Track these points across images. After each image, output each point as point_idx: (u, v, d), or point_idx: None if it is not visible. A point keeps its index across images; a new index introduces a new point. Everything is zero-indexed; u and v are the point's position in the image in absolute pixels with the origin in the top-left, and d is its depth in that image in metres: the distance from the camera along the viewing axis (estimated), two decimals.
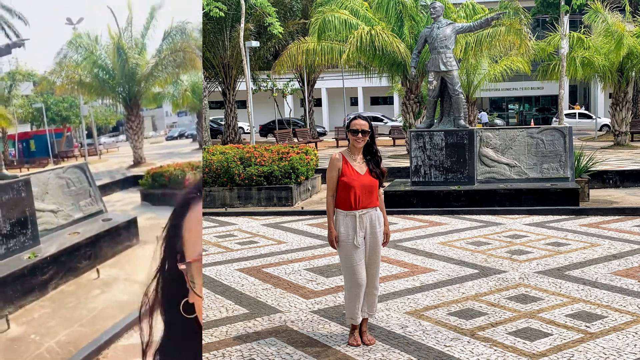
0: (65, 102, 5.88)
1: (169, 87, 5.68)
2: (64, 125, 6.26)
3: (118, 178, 6.00)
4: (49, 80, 5.06)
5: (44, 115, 5.92)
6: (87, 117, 5.93)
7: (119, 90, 5.47)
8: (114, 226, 7.32)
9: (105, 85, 5.24)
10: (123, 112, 5.94)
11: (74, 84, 5.14)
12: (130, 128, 5.93)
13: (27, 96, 5.71)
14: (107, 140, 6.49)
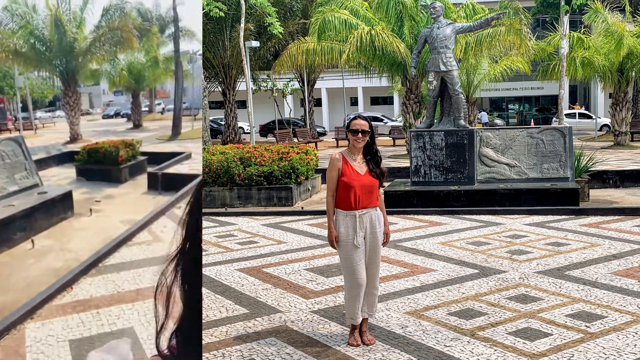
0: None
1: (106, 65, 5.65)
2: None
3: (54, 153, 6.04)
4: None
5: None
6: (22, 89, 5.82)
7: (56, 64, 5.40)
8: (49, 199, 7.46)
9: (42, 57, 5.16)
10: (60, 87, 5.87)
11: (8, 52, 5.04)
12: (67, 104, 5.85)
13: None
14: (43, 114, 6.44)
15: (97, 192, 7.58)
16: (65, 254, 6.31)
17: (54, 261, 6.14)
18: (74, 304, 5.66)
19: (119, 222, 6.94)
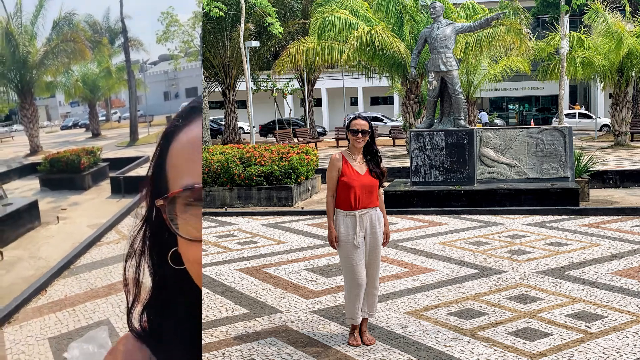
0: None
1: (61, 77, 5.66)
2: None
3: (15, 166, 6.10)
4: None
5: None
6: None
7: (10, 77, 5.41)
8: (15, 210, 7.50)
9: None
10: (16, 100, 5.86)
11: None
12: (25, 116, 5.86)
13: None
14: (1, 129, 6.45)
15: (63, 200, 7.61)
16: (36, 262, 6.45)
17: (25, 270, 6.33)
18: (50, 305, 5.85)
19: (86, 226, 7.05)
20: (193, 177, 0.94)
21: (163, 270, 1.05)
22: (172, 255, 1.01)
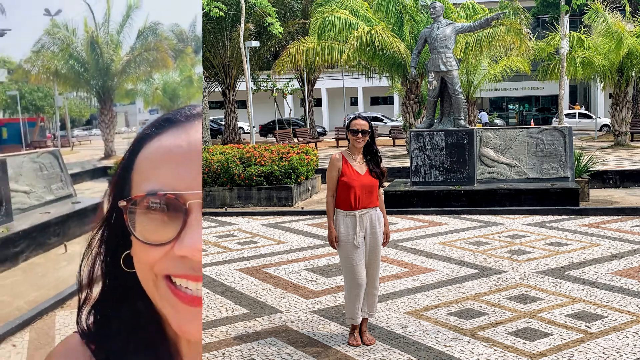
0: (40, 91, 5.98)
1: (141, 84, 5.78)
2: (37, 114, 6.40)
3: (88, 168, 6.26)
4: (24, 69, 5.16)
5: (18, 103, 6.00)
6: (62, 109, 6.05)
7: (93, 84, 5.58)
8: (82, 208, 7.74)
9: (80, 77, 5.34)
10: (97, 106, 6.04)
11: (49, 74, 5.25)
12: (103, 122, 6.02)
13: (1, 83, 5.80)
14: (80, 132, 6.68)
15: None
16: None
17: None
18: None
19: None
20: (158, 184, 0.96)
21: (114, 272, 1.07)
22: (125, 258, 1.02)
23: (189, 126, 1.01)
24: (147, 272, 0.99)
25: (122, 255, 1.05)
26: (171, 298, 0.99)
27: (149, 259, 0.98)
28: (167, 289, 0.99)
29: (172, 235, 0.97)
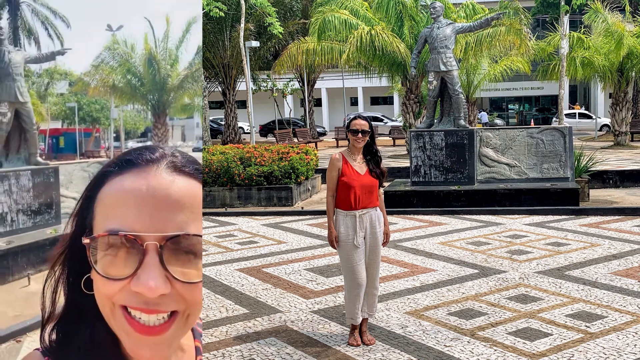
0: (97, 103, 6.20)
1: (198, 99, 5.87)
2: (93, 125, 6.67)
3: None
4: (84, 81, 5.39)
5: (76, 114, 6.30)
6: (117, 121, 6.23)
7: (149, 98, 5.70)
8: None
9: (137, 91, 5.50)
10: (151, 119, 6.17)
11: (107, 87, 5.42)
12: (157, 135, 6.17)
13: (62, 94, 6.11)
14: (134, 144, 6.89)
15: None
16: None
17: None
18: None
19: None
20: (118, 223, 1.04)
21: (75, 294, 1.15)
22: (85, 281, 1.12)
23: (148, 170, 1.08)
24: (105, 300, 1.09)
25: (82, 278, 1.13)
26: (125, 326, 1.08)
27: (107, 291, 1.07)
28: (123, 317, 1.08)
29: (129, 272, 1.05)
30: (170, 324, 1.08)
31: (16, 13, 5.93)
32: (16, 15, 5.97)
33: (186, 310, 1.10)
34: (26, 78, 6.20)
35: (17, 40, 6.48)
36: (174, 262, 1.06)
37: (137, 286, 1.04)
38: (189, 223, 1.08)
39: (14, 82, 6.40)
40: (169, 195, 1.07)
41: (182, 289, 1.07)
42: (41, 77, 5.94)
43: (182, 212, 1.07)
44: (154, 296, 1.04)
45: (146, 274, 1.04)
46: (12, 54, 6.22)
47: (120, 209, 1.07)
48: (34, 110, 6.79)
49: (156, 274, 1.04)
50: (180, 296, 1.08)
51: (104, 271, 1.06)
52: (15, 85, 6.47)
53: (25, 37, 6.25)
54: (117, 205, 1.08)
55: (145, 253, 1.05)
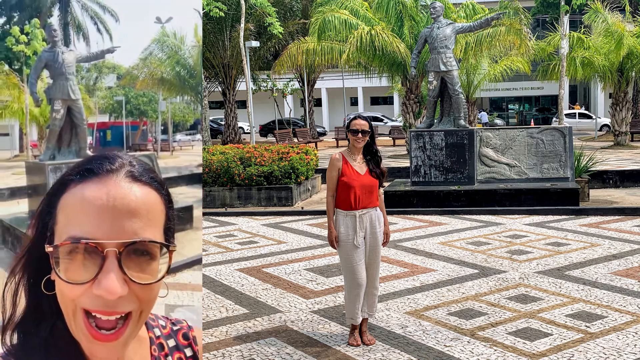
0: (145, 96, 6.35)
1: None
2: (140, 119, 6.88)
3: (184, 174, 6.52)
4: (132, 75, 5.58)
5: (123, 107, 6.47)
6: (165, 113, 6.38)
7: (199, 90, 5.85)
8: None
9: (186, 84, 5.66)
10: (201, 112, 6.34)
11: (155, 80, 5.59)
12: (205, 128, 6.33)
13: (110, 88, 6.34)
14: (182, 137, 7.14)
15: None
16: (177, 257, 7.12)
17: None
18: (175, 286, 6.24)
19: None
20: (79, 231, 1.10)
21: (36, 295, 1.21)
22: (45, 282, 1.18)
23: (108, 180, 1.15)
24: (68, 302, 1.15)
25: (43, 280, 1.19)
26: (84, 330, 1.14)
27: (71, 294, 1.13)
28: (82, 322, 1.14)
29: (90, 276, 1.12)
30: (124, 328, 1.15)
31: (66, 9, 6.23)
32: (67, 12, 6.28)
33: (139, 309, 1.16)
34: (76, 73, 6.57)
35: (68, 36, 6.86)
36: (132, 266, 1.12)
37: (98, 289, 1.10)
38: (145, 229, 1.14)
39: (67, 80, 6.61)
40: (127, 204, 1.13)
41: (137, 290, 1.14)
42: (90, 71, 6.23)
43: (139, 219, 1.14)
44: (114, 299, 1.11)
45: (106, 278, 1.10)
46: (65, 55, 6.59)
47: (82, 216, 1.12)
48: (84, 104, 7.17)
49: (115, 278, 1.11)
50: (136, 296, 1.14)
51: (66, 277, 1.12)
52: (68, 84, 6.69)
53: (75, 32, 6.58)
54: (78, 213, 1.13)
55: (105, 259, 1.11)
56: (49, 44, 6.28)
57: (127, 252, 1.12)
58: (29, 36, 5.16)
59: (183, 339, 1.42)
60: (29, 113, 6.21)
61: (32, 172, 7.53)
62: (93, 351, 1.17)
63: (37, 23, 4.97)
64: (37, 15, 4.86)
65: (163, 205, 1.21)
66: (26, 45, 5.31)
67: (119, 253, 1.11)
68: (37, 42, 5.36)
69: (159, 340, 1.38)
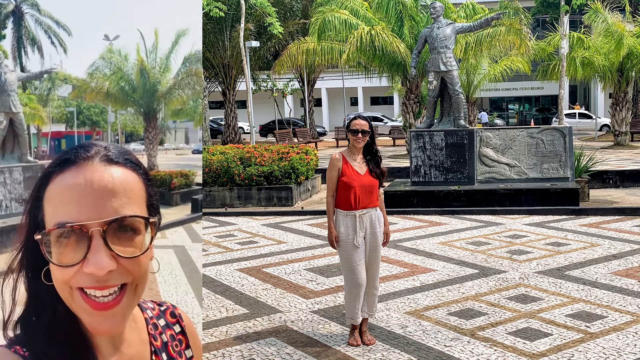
0: (96, 107, 6.78)
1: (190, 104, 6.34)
2: (93, 128, 7.33)
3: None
4: (80, 88, 6.02)
5: (75, 118, 6.92)
6: (114, 124, 6.76)
7: (140, 103, 6.20)
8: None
9: (129, 98, 6.01)
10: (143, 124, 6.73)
11: (102, 94, 5.96)
12: (147, 138, 6.72)
13: (64, 98, 6.85)
14: (136, 146, 7.62)
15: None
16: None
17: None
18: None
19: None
20: (64, 216, 1.19)
21: (35, 287, 1.29)
22: (45, 273, 1.26)
23: (85, 165, 1.23)
24: (63, 286, 1.23)
25: (42, 272, 1.26)
26: (84, 305, 1.21)
27: (64, 277, 1.21)
28: (80, 298, 1.21)
29: (80, 257, 1.19)
30: (121, 296, 1.22)
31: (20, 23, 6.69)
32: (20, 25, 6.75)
33: (134, 281, 1.24)
34: (28, 84, 7.15)
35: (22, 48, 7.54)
36: (116, 242, 1.20)
37: (88, 267, 1.18)
38: (125, 207, 1.21)
39: (9, 96, 7.88)
40: (104, 186, 1.21)
41: (126, 264, 1.21)
42: (44, 82, 6.80)
43: (118, 198, 1.21)
44: (103, 274, 1.18)
45: (94, 256, 1.18)
46: (7, 75, 7.71)
47: (65, 203, 1.20)
48: (36, 114, 7.90)
49: (103, 255, 1.18)
50: (126, 270, 1.21)
51: (58, 260, 1.20)
52: (10, 99, 7.96)
53: (30, 45, 7.17)
54: (61, 201, 1.21)
55: (92, 238, 1.18)
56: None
57: (111, 229, 1.18)
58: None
59: (171, 317, 1.51)
60: None
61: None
62: (94, 325, 1.24)
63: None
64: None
65: (142, 184, 1.28)
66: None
67: (103, 232, 1.18)
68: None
69: (152, 320, 1.47)
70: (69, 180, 1.22)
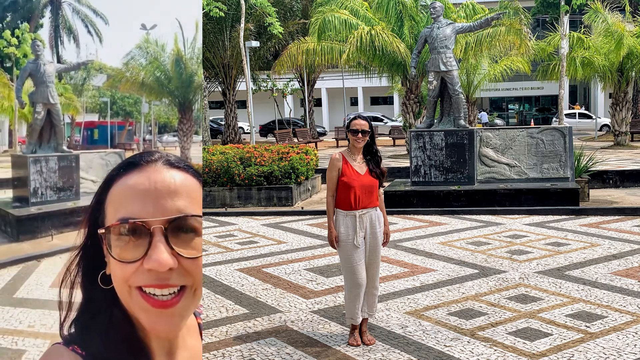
0: (130, 98, 6.88)
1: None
2: (126, 119, 7.53)
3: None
4: (115, 78, 6.07)
5: (109, 108, 7.04)
6: (148, 115, 6.83)
7: (176, 94, 6.21)
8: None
9: (164, 88, 6.00)
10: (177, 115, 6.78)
11: (136, 84, 5.96)
12: (181, 130, 6.77)
13: (98, 88, 6.99)
14: (169, 138, 7.79)
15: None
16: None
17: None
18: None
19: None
20: (127, 213, 1.22)
21: (92, 290, 1.32)
22: (102, 277, 1.29)
23: (148, 168, 1.27)
24: (122, 285, 1.24)
25: (98, 275, 1.29)
26: (143, 303, 1.23)
27: (124, 274, 1.22)
28: (139, 296, 1.23)
29: (141, 254, 1.21)
30: (180, 297, 1.24)
31: (58, 12, 6.77)
32: (58, 14, 6.84)
33: (193, 285, 1.26)
34: (64, 74, 7.48)
35: (58, 37, 7.64)
36: (177, 241, 1.22)
37: (149, 263, 1.20)
38: (188, 206, 1.25)
39: (47, 87, 8.17)
40: (167, 186, 1.24)
41: (186, 264, 1.23)
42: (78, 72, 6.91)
43: (180, 198, 1.24)
44: (164, 270, 1.20)
45: (156, 252, 1.20)
46: (46, 66, 7.91)
47: (128, 201, 1.24)
48: (70, 104, 8.29)
49: (163, 252, 1.20)
50: (186, 271, 1.23)
51: (119, 256, 1.22)
52: (48, 90, 8.25)
53: (66, 34, 7.24)
54: (124, 199, 1.24)
55: (153, 235, 1.21)
56: (33, 56, 7.01)
57: (172, 228, 1.21)
58: (19, 39, 5.42)
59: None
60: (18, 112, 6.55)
61: (17, 165, 8.58)
62: (152, 324, 1.25)
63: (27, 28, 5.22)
64: (29, 16, 5.06)
65: (201, 189, 1.33)
66: (16, 47, 5.59)
67: (164, 229, 1.20)
68: (26, 45, 5.65)
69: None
70: (133, 180, 1.25)
